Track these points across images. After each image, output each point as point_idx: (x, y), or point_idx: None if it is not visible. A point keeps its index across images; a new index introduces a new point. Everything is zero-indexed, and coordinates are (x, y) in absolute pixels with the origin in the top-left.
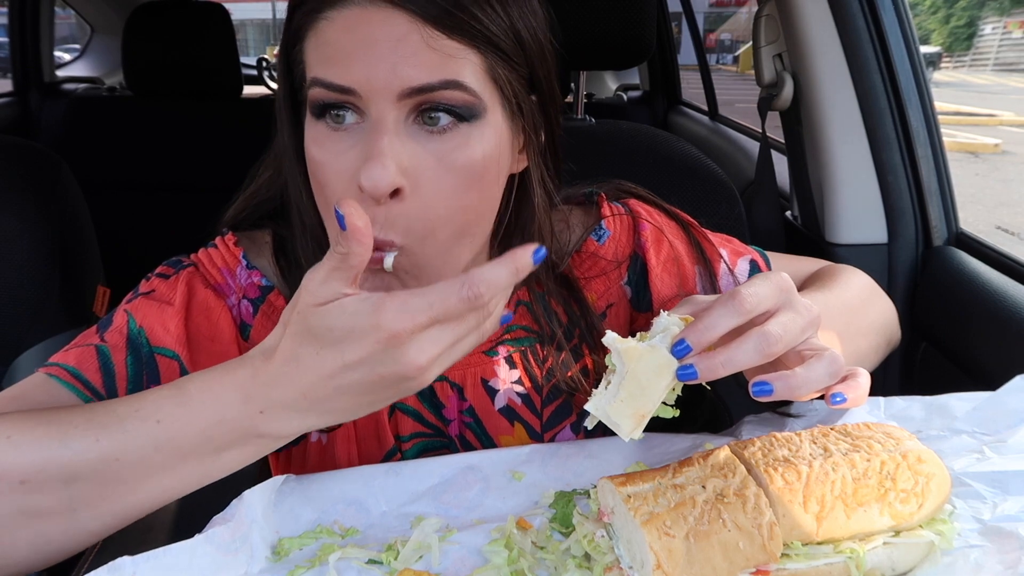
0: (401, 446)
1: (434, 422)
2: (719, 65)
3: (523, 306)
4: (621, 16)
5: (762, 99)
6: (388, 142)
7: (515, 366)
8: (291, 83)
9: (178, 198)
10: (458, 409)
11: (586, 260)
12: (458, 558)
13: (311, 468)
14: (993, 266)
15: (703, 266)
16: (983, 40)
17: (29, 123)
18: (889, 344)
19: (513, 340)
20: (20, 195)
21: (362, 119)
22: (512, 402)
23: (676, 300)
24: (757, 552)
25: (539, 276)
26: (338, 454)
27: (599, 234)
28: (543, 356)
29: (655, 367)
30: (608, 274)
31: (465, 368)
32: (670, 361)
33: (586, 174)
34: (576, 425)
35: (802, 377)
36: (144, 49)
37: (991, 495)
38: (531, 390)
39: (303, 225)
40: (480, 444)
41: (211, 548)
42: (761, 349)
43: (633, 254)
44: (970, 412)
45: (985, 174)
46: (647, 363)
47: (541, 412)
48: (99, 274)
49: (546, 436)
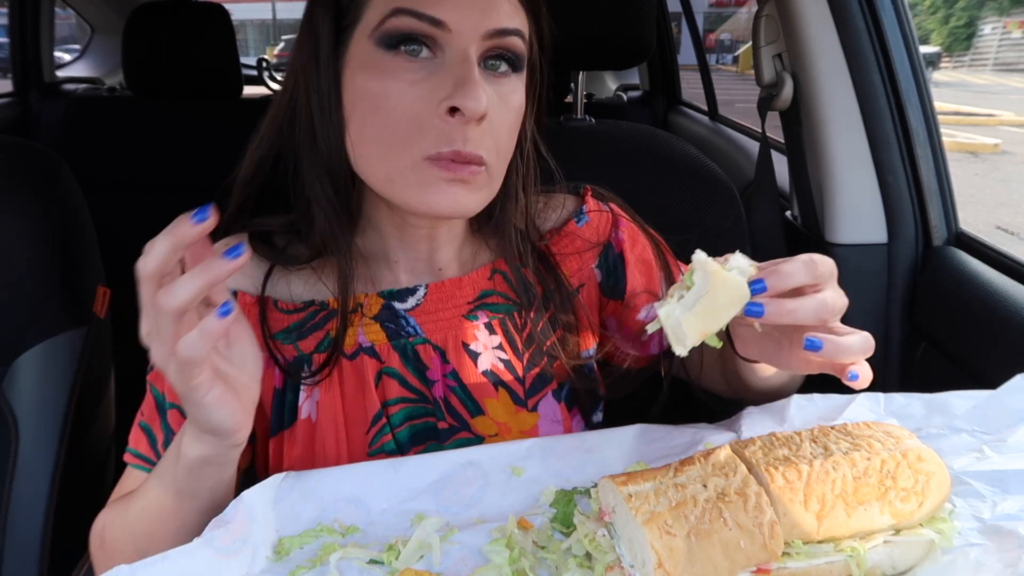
0: (388, 411)
1: (418, 386)
2: (719, 65)
3: (499, 275)
4: (621, 16)
5: (762, 99)
6: (478, 73)
7: (495, 332)
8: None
9: (178, 198)
10: (441, 372)
11: (564, 239)
12: (459, 558)
13: (302, 447)
14: (993, 266)
15: (666, 275)
16: (982, 40)
17: (29, 123)
18: None
19: (491, 305)
20: (20, 195)
21: (435, 55)
22: (495, 367)
23: (646, 295)
24: (758, 551)
25: (517, 248)
26: (324, 425)
27: (579, 217)
28: (521, 324)
29: (731, 296)
30: (582, 254)
31: (446, 331)
32: (744, 295)
33: (586, 174)
34: (558, 393)
35: (845, 344)
36: (144, 49)
37: (991, 494)
38: (513, 356)
39: (321, 167)
40: (465, 409)
41: (210, 551)
42: (819, 312)
43: (608, 243)
44: (970, 411)
45: (985, 174)
46: (727, 289)
47: (524, 378)
48: (99, 274)
49: (530, 402)
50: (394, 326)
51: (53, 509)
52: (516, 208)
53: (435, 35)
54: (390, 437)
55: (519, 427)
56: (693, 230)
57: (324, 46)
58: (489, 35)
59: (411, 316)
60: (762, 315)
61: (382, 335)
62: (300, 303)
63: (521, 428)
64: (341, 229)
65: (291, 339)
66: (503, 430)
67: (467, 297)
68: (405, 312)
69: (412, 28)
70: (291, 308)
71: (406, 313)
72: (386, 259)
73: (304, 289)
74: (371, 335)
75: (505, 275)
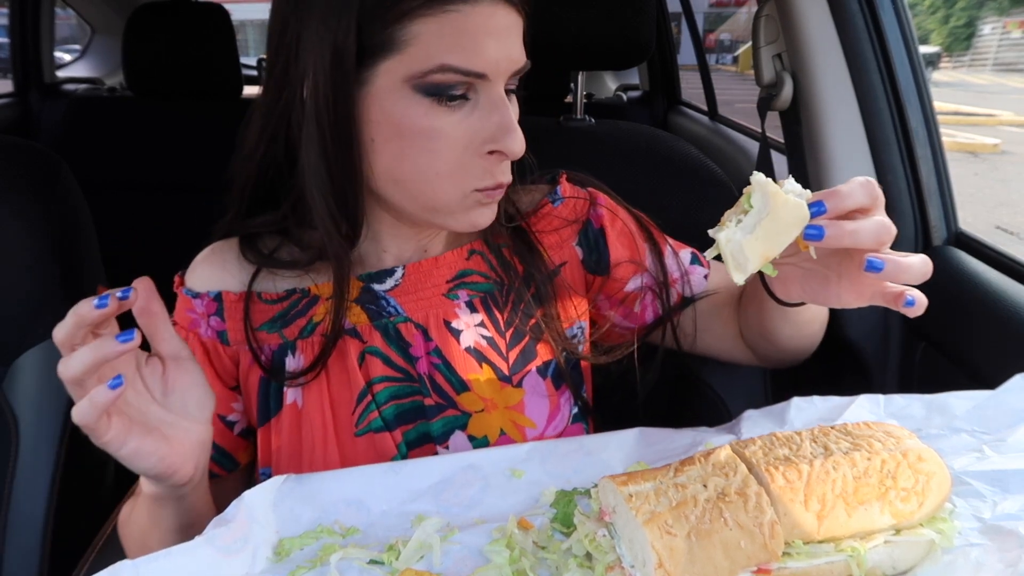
0: (373, 389)
1: (402, 364)
2: (719, 65)
3: (478, 255)
4: (621, 16)
5: (762, 99)
6: (512, 115)
7: (476, 310)
8: (355, 54)
9: (178, 198)
10: (425, 349)
11: (541, 220)
12: (459, 558)
13: (289, 432)
14: (993, 266)
15: (652, 246)
16: (982, 40)
17: (29, 123)
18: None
19: (471, 284)
20: (20, 195)
21: (471, 93)
22: (478, 344)
23: (630, 265)
24: (758, 551)
25: (494, 228)
26: (310, 409)
27: (554, 198)
28: (503, 302)
29: (792, 218)
30: (560, 231)
31: (427, 310)
32: (804, 217)
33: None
34: (543, 369)
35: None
36: (144, 49)
37: (991, 494)
38: (495, 333)
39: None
40: (450, 385)
41: (212, 550)
42: (879, 235)
43: (587, 220)
44: (970, 411)
45: (984, 174)
46: (788, 211)
47: (507, 355)
48: (99, 274)
49: (515, 378)
50: (375, 307)
51: (53, 509)
52: None
53: (474, 83)
54: (376, 415)
55: (504, 402)
56: (692, 230)
57: (347, 67)
58: (514, 73)
59: (391, 296)
60: (822, 238)
61: (363, 316)
62: (283, 291)
63: (507, 403)
64: (343, 244)
65: (276, 327)
66: (489, 406)
67: (445, 276)
68: (384, 293)
69: (454, 81)
70: (275, 297)
71: (385, 294)
72: (376, 251)
73: (288, 279)
74: (352, 317)
75: (483, 255)
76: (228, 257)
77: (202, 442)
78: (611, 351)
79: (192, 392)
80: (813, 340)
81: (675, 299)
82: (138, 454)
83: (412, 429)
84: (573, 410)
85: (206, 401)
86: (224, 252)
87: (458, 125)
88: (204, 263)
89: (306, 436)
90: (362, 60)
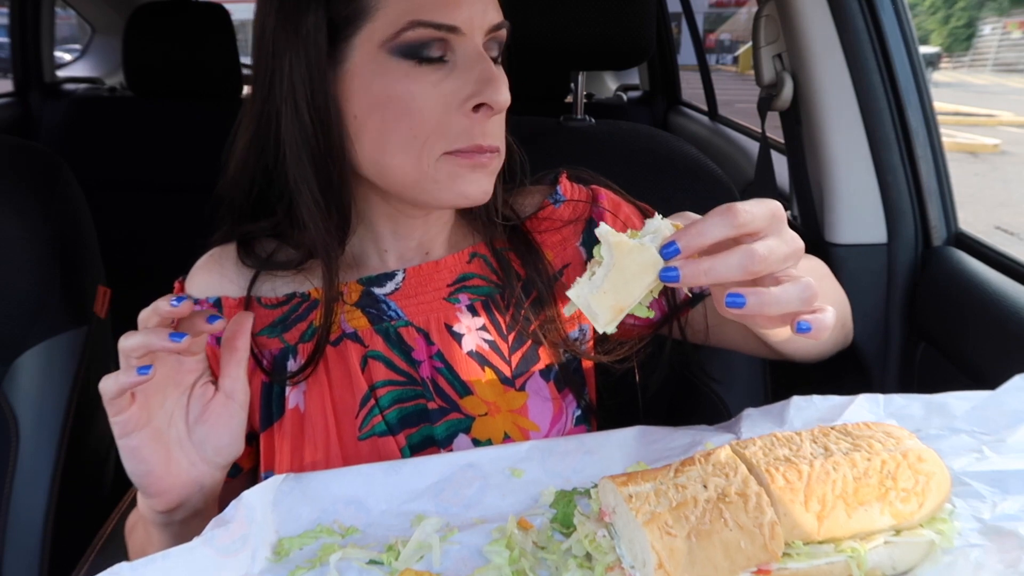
0: (376, 393)
1: (404, 367)
2: (719, 65)
3: (479, 258)
4: (621, 16)
5: (762, 99)
6: (495, 67)
7: (478, 314)
8: (327, 31)
9: (178, 198)
10: (427, 353)
11: (543, 222)
12: (459, 558)
13: (292, 437)
14: (992, 266)
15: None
16: (982, 40)
17: (30, 123)
18: (845, 329)
19: (473, 288)
20: (20, 195)
21: (448, 55)
22: (480, 348)
23: None
24: (759, 551)
25: (496, 232)
26: (313, 414)
27: (555, 199)
28: (504, 305)
29: (642, 264)
30: (561, 231)
31: (428, 314)
32: (657, 261)
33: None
34: (546, 372)
35: (775, 295)
36: (145, 49)
37: (991, 494)
38: (497, 337)
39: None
40: (452, 389)
41: (210, 551)
42: (745, 265)
43: (589, 218)
44: (969, 411)
45: (984, 174)
46: (635, 259)
47: (510, 359)
48: (99, 274)
49: (517, 381)
50: (375, 311)
51: (53, 509)
52: (499, 190)
53: (448, 38)
54: (380, 419)
55: (508, 406)
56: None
57: (319, 57)
58: (490, 30)
59: (391, 300)
60: (678, 280)
61: (364, 320)
62: (283, 296)
63: (510, 407)
64: (333, 235)
65: (276, 332)
66: (492, 409)
67: (446, 280)
68: (385, 296)
69: (429, 37)
70: (275, 302)
71: (386, 297)
72: (376, 251)
73: (287, 283)
74: (353, 321)
75: (485, 258)
76: (226, 262)
77: (200, 484)
78: (613, 351)
79: (220, 433)
80: (826, 346)
81: (682, 296)
82: (134, 453)
83: (416, 433)
84: (576, 412)
85: (227, 448)
86: (222, 257)
87: (437, 85)
88: (203, 269)
89: (309, 440)
90: (337, 37)
